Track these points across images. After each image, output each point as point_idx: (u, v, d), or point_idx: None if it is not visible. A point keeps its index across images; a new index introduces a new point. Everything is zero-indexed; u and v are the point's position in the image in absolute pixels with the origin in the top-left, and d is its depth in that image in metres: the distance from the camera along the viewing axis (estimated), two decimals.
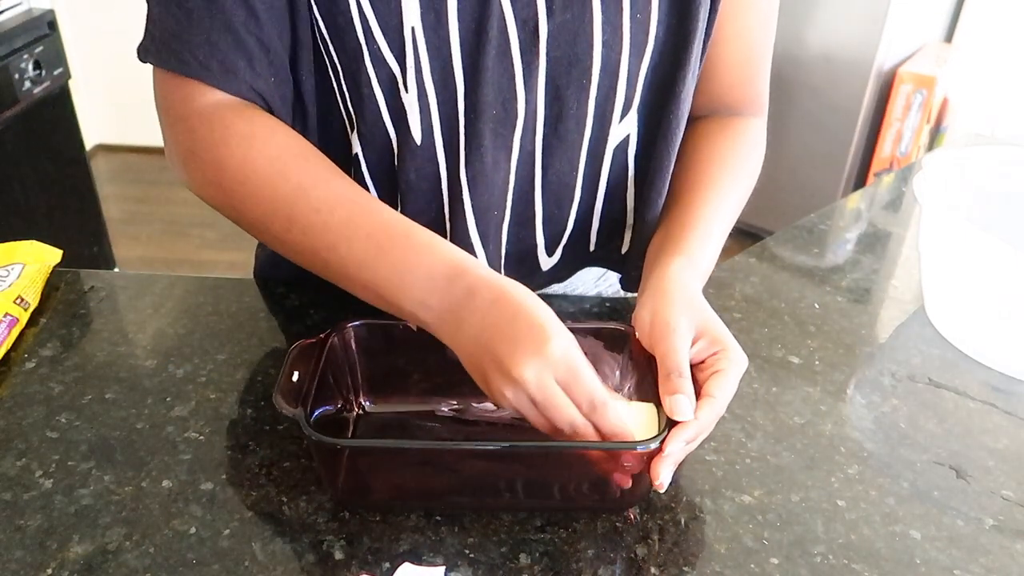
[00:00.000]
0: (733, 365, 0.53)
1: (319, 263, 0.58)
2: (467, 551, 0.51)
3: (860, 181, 2.50)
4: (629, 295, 0.80)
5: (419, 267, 0.53)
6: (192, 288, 0.77)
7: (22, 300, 0.71)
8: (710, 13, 0.62)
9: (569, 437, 0.51)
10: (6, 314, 0.68)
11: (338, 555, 0.51)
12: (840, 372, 0.71)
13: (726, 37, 0.65)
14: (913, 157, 2.41)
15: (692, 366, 0.54)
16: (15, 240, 0.77)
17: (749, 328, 0.75)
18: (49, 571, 0.49)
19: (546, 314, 0.51)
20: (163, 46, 0.57)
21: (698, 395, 0.52)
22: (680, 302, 0.55)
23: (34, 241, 0.77)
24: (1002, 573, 0.52)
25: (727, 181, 0.66)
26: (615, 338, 0.60)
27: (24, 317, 0.70)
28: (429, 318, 0.54)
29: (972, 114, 2.51)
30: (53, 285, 0.77)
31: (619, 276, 0.77)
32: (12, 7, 1.78)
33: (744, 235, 2.52)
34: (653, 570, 0.51)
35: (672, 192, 0.68)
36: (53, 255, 0.78)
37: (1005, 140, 2.10)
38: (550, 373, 0.49)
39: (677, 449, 0.50)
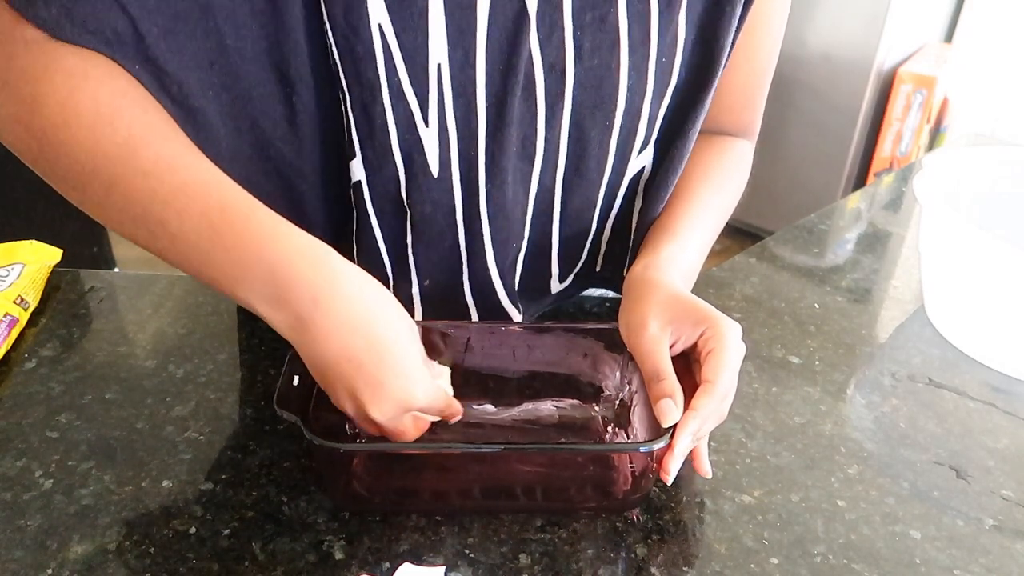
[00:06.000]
0: (722, 339, 0.52)
1: (146, 238, 0.49)
2: (467, 551, 0.51)
3: (860, 181, 2.50)
4: None
5: (261, 261, 0.47)
6: (192, 288, 0.77)
7: (22, 300, 0.71)
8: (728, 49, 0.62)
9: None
10: (6, 314, 0.68)
11: (338, 555, 0.51)
12: (840, 372, 0.71)
13: (733, 64, 0.64)
14: (913, 157, 2.41)
15: (689, 356, 0.54)
16: (15, 240, 0.77)
17: (749, 328, 0.75)
18: (49, 571, 0.49)
19: (413, 354, 0.50)
20: None
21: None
22: (649, 301, 0.55)
23: (34, 241, 0.77)
24: (1002, 573, 0.52)
25: (707, 193, 0.66)
26: (615, 338, 0.60)
27: (24, 317, 0.70)
28: (278, 321, 0.49)
29: (972, 114, 2.51)
30: (53, 285, 0.77)
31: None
32: None
33: (744, 235, 2.52)
34: (653, 570, 0.51)
35: None
36: (53, 255, 0.78)
37: (1005, 140, 2.10)
38: (407, 414, 0.51)
39: (685, 444, 0.50)
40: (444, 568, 0.50)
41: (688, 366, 0.54)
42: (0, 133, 0.50)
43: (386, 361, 0.48)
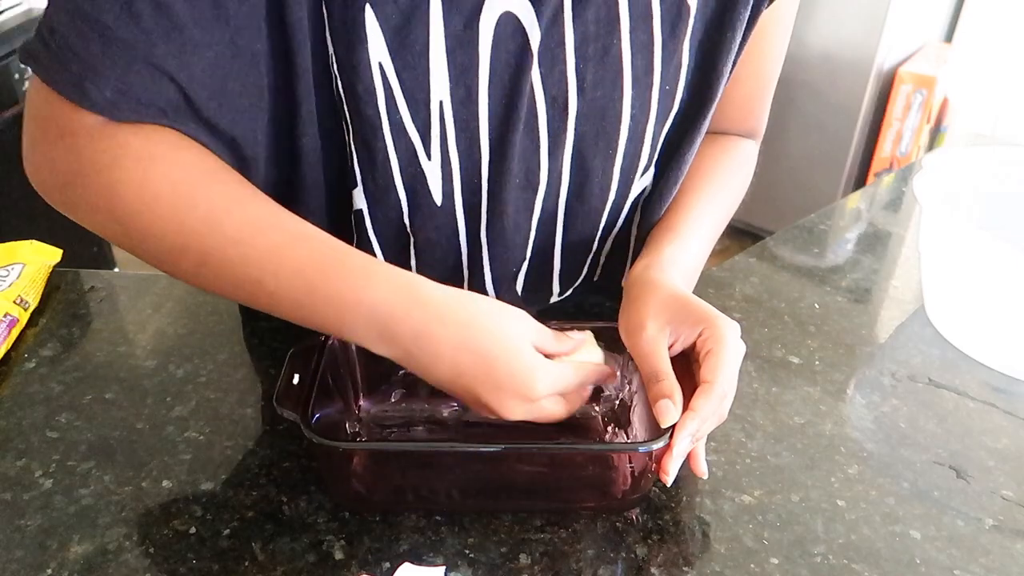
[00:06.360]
0: (721, 339, 0.52)
1: (245, 298, 0.51)
2: (467, 551, 0.51)
3: (860, 181, 2.50)
4: None
5: (360, 304, 0.49)
6: (192, 288, 0.77)
7: (22, 300, 0.71)
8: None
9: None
10: (6, 314, 0.68)
11: (338, 555, 0.51)
12: (840, 372, 0.71)
13: (738, 77, 0.64)
14: (913, 157, 2.41)
15: (688, 356, 0.54)
16: (15, 240, 0.77)
17: (749, 328, 0.75)
18: (49, 571, 0.49)
19: (520, 349, 0.50)
20: (59, 63, 0.46)
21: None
22: (648, 301, 0.55)
23: (34, 241, 0.77)
24: (1002, 573, 0.52)
25: (711, 192, 0.66)
26: (615, 338, 0.59)
27: (24, 317, 0.70)
28: (389, 354, 0.50)
29: (972, 114, 2.51)
30: (53, 285, 0.77)
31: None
32: (12, 7, 1.78)
33: (744, 235, 2.52)
34: (653, 570, 0.51)
35: None
36: (53, 255, 0.78)
37: (1005, 140, 2.10)
38: (539, 404, 0.51)
39: (684, 445, 0.50)
40: (444, 568, 0.50)
41: (688, 366, 0.54)
42: (82, 221, 0.51)
43: (496, 366, 0.49)
